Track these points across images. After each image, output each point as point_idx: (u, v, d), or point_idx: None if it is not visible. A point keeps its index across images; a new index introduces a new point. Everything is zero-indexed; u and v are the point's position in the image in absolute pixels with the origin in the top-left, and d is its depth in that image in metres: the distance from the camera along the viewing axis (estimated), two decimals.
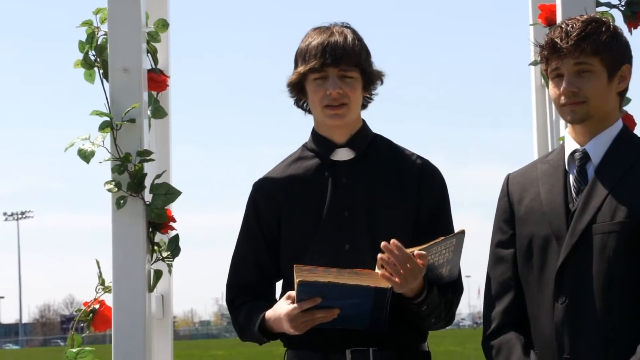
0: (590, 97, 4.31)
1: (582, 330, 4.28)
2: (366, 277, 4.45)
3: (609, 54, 4.35)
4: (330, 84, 4.69)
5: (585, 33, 4.31)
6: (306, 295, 4.43)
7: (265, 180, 4.93)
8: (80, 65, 5.44)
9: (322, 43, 4.70)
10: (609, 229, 4.27)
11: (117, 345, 5.32)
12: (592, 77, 4.32)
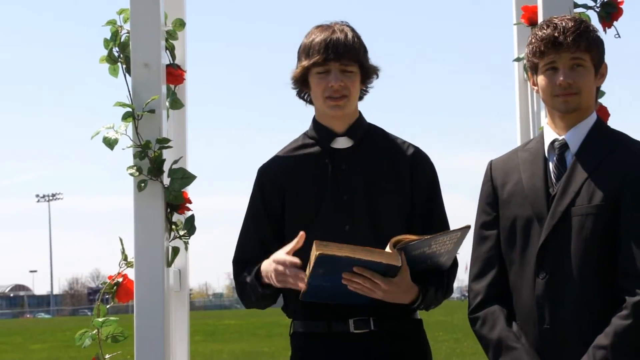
0: (583, 89, 4.34)
1: (561, 303, 4.29)
2: (378, 255, 4.44)
3: (596, 52, 4.40)
4: (333, 77, 4.69)
5: (580, 31, 4.33)
6: (322, 267, 4.41)
7: (270, 164, 4.93)
8: (105, 60, 5.45)
9: (325, 40, 4.70)
10: (586, 212, 4.28)
11: (139, 315, 5.33)
12: (584, 72, 4.35)
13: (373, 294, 4.47)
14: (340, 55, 4.70)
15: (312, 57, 4.71)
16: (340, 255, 4.38)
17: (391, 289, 4.47)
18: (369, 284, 4.43)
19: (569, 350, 4.24)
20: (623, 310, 4.17)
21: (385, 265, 4.42)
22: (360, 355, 4.67)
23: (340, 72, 4.72)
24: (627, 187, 4.26)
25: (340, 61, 4.70)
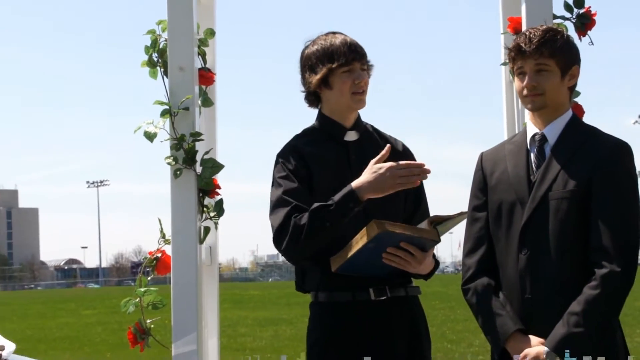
0: (546, 90, 4.36)
1: (540, 275, 4.30)
2: (424, 232, 4.50)
3: (562, 57, 4.39)
4: (358, 75, 4.71)
5: (544, 40, 4.35)
6: (375, 242, 4.41)
7: (293, 145, 4.86)
8: (145, 64, 5.45)
9: (345, 44, 4.71)
10: (562, 196, 4.29)
11: (175, 286, 5.34)
12: (548, 75, 4.36)
13: (409, 266, 4.51)
14: (362, 55, 4.74)
15: (339, 59, 4.69)
16: (397, 232, 4.42)
17: (424, 261, 4.54)
18: (410, 257, 4.48)
19: (548, 316, 4.25)
20: (593, 281, 4.19)
21: (427, 240, 4.50)
22: (381, 318, 4.67)
23: (361, 69, 4.74)
24: (597, 175, 4.28)
25: (361, 61, 4.73)
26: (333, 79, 4.73)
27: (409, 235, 4.44)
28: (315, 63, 4.76)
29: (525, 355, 4.25)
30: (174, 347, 5.29)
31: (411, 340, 4.73)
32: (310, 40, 4.86)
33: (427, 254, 4.55)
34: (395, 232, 4.40)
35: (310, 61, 4.79)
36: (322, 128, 4.87)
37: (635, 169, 4.41)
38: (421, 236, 4.47)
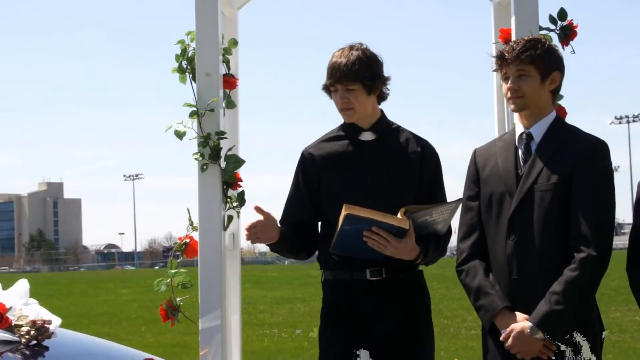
0: (526, 93, 4.38)
1: (526, 259, 4.31)
2: (392, 218, 4.49)
3: (541, 63, 4.40)
4: (339, 95, 4.72)
5: (525, 48, 4.39)
6: (348, 225, 4.49)
7: (310, 149, 4.92)
8: (176, 71, 5.44)
9: (332, 66, 4.71)
10: (546, 188, 4.30)
11: (202, 268, 5.35)
12: (528, 80, 4.38)
13: (385, 250, 4.50)
14: (341, 78, 4.68)
15: (327, 79, 4.75)
16: (363, 216, 4.45)
17: (399, 247, 4.50)
18: (383, 241, 4.47)
19: (532, 295, 4.26)
20: (572, 264, 4.21)
21: (396, 227, 4.47)
22: (375, 297, 4.68)
23: (345, 90, 4.71)
24: (577, 171, 4.29)
25: (342, 83, 4.69)
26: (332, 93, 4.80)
27: (375, 220, 4.46)
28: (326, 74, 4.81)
29: (511, 329, 4.26)
30: (200, 322, 5.30)
31: (405, 317, 4.71)
32: None
33: (404, 241, 4.51)
34: (361, 216, 4.44)
35: None
36: (344, 127, 4.89)
37: (612, 164, 4.43)
38: (387, 222, 4.47)
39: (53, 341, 4.31)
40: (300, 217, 4.92)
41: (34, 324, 4.26)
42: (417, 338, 4.73)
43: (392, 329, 4.67)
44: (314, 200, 4.87)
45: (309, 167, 4.89)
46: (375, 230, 4.46)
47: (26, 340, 4.18)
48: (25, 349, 4.14)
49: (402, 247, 4.51)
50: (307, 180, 4.88)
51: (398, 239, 4.50)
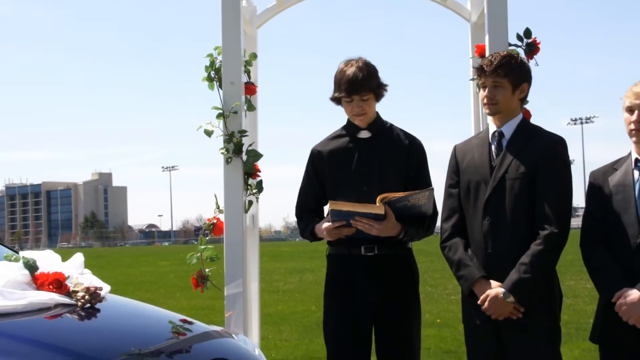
0: (500, 101, 4.38)
1: (499, 236, 4.30)
2: (370, 207, 4.50)
3: (513, 77, 4.39)
4: (355, 104, 4.68)
5: (501, 63, 4.38)
6: (335, 217, 4.52)
7: (318, 147, 4.89)
8: (205, 79, 5.44)
9: (349, 80, 4.64)
10: (515, 177, 4.30)
11: (227, 244, 5.35)
12: (502, 90, 4.38)
13: (371, 231, 4.51)
14: (358, 91, 4.65)
15: (341, 92, 4.68)
16: (343, 210, 4.50)
17: (381, 227, 4.50)
18: (367, 225, 4.49)
19: (503, 267, 4.25)
20: (537, 240, 4.21)
21: (373, 214, 4.48)
22: (368, 269, 4.65)
23: (360, 100, 4.68)
24: (541, 162, 4.29)
25: (359, 94, 4.66)
26: (342, 102, 4.74)
27: (355, 211, 4.50)
28: (334, 84, 4.75)
29: (487, 295, 4.25)
30: (226, 289, 5.30)
31: (394, 286, 4.68)
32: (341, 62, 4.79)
33: (384, 223, 4.50)
34: (342, 210, 4.50)
35: (334, 80, 4.76)
36: (346, 127, 4.86)
37: (569, 157, 4.42)
38: (365, 211, 4.49)
39: (104, 304, 4.31)
40: (313, 204, 4.90)
41: (88, 290, 4.26)
42: (405, 304, 4.70)
43: (383, 296, 4.64)
44: (322, 189, 4.85)
45: (318, 162, 4.86)
46: (358, 218, 4.49)
47: (81, 303, 4.18)
48: (81, 310, 4.15)
49: (383, 227, 4.51)
50: (317, 173, 4.86)
51: (379, 221, 4.50)
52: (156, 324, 4.45)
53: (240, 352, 4.26)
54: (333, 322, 4.71)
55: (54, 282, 4.22)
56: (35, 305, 4.00)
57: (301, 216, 4.91)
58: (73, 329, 4.02)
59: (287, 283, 23.30)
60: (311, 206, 4.89)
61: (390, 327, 4.65)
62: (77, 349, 3.62)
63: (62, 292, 4.20)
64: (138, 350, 3.80)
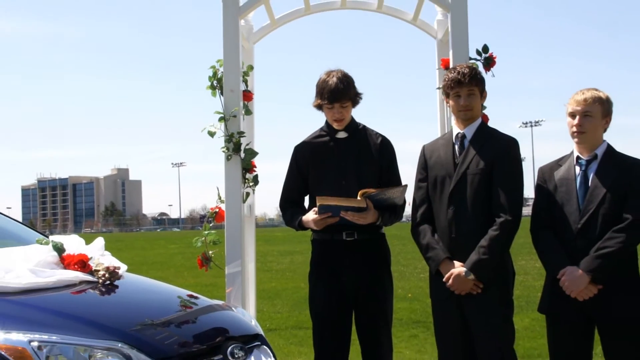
0: (473, 107, 4.39)
1: (461, 223, 4.31)
2: (353, 201, 4.47)
3: (481, 86, 4.43)
4: (336, 111, 4.65)
5: (473, 75, 4.38)
6: (323, 210, 4.48)
7: (301, 146, 4.84)
8: (209, 88, 5.42)
9: (331, 89, 4.61)
10: (475, 172, 4.30)
11: (228, 230, 5.33)
12: (474, 97, 4.39)
13: (358, 221, 4.48)
14: (339, 99, 4.62)
15: (324, 99, 4.64)
16: (330, 204, 4.46)
17: (366, 217, 4.48)
18: (355, 218, 4.47)
19: (465, 249, 4.26)
20: (494, 226, 4.23)
21: (356, 207, 4.46)
22: (349, 252, 4.63)
23: (340, 107, 4.65)
24: (497, 159, 4.29)
25: (340, 102, 4.64)
26: (323, 108, 4.70)
27: (341, 205, 4.47)
28: (316, 92, 4.71)
29: (451, 273, 4.26)
30: (226, 269, 5.29)
31: (371, 266, 4.67)
32: (323, 72, 4.75)
33: (367, 213, 4.49)
34: (330, 204, 4.46)
35: (316, 89, 4.73)
36: (325, 129, 4.83)
37: (521, 155, 4.43)
38: (350, 205, 4.46)
39: (121, 281, 4.30)
40: (296, 196, 4.85)
41: (108, 269, 4.25)
42: (380, 281, 4.69)
43: (361, 276, 4.62)
44: (305, 183, 4.81)
45: (301, 159, 4.81)
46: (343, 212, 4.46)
47: (102, 280, 4.18)
48: (102, 286, 4.14)
49: (367, 217, 4.49)
50: (300, 169, 4.80)
51: (363, 212, 4.48)
52: (166, 298, 4.45)
53: (239, 322, 4.26)
54: (320, 299, 4.68)
55: (78, 262, 4.21)
56: (63, 282, 3.99)
57: (285, 208, 4.85)
58: (95, 303, 4.01)
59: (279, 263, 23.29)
60: (294, 198, 4.84)
61: (368, 301, 4.64)
62: (99, 320, 3.62)
63: (86, 271, 4.20)
64: (151, 320, 3.80)
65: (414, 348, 8.63)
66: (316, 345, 4.70)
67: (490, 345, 4.21)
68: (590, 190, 4.17)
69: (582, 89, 4.29)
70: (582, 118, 4.22)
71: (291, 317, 11.02)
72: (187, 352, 3.64)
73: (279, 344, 8.82)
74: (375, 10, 5.90)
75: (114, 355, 3.42)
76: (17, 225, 5.14)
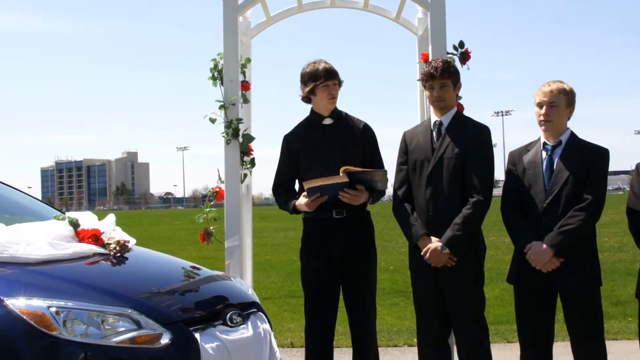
0: (446, 98, 4.36)
1: (438, 202, 4.30)
2: (337, 178, 4.44)
3: (454, 78, 4.40)
4: (331, 88, 4.65)
5: (445, 69, 4.36)
6: (311, 192, 4.46)
7: (290, 134, 4.82)
8: (210, 78, 5.37)
9: (325, 69, 4.63)
10: (451, 156, 4.29)
11: (227, 208, 5.32)
12: (447, 89, 4.37)
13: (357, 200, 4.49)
14: (334, 77, 4.64)
15: (319, 79, 4.63)
16: (316, 185, 4.44)
17: (362, 195, 4.48)
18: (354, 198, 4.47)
19: (441, 226, 4.26)
20: (467, 205, 4.23)
21: (340, 183, 4.43)
22: (338, 229, 4.62)
23: (334, 85, 4.66)
24: (471, 145, 4.29)
25: (333, 80, 4.65)
26: (317, 90, 4.67)
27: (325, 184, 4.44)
28: (307, 80, 4.69)
29: (428, 248, 4.27)
30: (226, 243, 5.28)
31: (358, 242, 4.67)
32: (306, 64, 4.76)
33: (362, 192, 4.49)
34: (315, 185, 4.43)
35: (305, 78, 4.71)
36: (311, 117, 4.82)
37: (492, 141, 4.42)
38: (334, 182, 4.43)
39: (131, 254, 4.30)
40: (288, 180, 4.82)
41: (118, 242, 4.24)
42: (365, 255, 4.70)
43: (349, 249, 4.63)
44: (296, 167, 4.77)
45: (291, 145, 4.78)
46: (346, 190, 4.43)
47: (113, 253, 4.17)
48: (113, 258, 4.14)
49: (361, 198, 4.48)
50: (292, 155, 4.77)
51: (360, 191, 4.47)
52: (171, 269, 4.44)
53: (237, 291, 4.26)
54: (312, 271, 4.67)
55: (92, 236, 4.21)
56: (78, 254, 3.99)
57: (279, 193, 4.82)
58: (107, 273, 4.01)
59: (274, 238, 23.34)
60: (286, 183, 4.81)
61: (355, 273, 4.64)
62: (110, 288, 3.62)
63: (99, 244, 4.19)
64: (157, 289, 3.80)
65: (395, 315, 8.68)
66: (307, 313, 4.71)
67: (463, 312, 4.24)
68: (555, 173, 4.19)
69: (549, 82, 4.30)
70: (549, 108, 4.23)
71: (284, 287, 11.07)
72: (190, 317, 3.65)
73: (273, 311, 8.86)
74: (362, 9, 5.87)
75: (124, 320, 3.43)
76: (37, 202, 5.13)
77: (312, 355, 4.70)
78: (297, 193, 4.77)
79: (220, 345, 3.61)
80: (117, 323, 3.41)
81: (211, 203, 5.42)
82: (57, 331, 3.27)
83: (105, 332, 3.36)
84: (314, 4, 5.96)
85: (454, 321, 4.28)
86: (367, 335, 4.68)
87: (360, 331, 4.68)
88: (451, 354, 4.54)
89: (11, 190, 5.11)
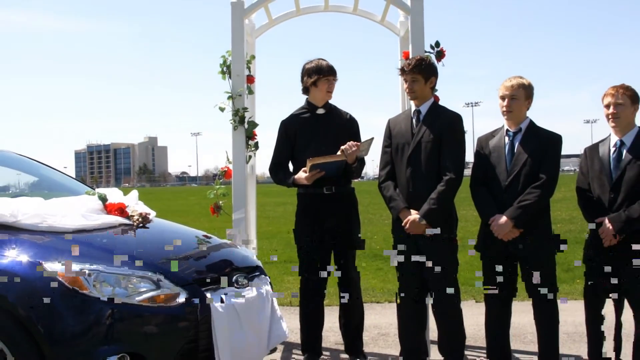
0: (416, 90, 4.35)
1: (417, 180, 4.30)
2: (334, 157, 4.50)
3: (424, 73, 4.36)
4: (331, 83, 4.70)
5: (416, 64, 4.34)
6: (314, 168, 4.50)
7: (288, 119, 4.83)
8: (220, 73, 5.34)
9: (328, 65, 4.68)
10: (428, 140, 4.29)
11: (234, 184, 5.32)
12: (418, 83, 4.35)
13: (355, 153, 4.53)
14: (334, 74, 4.69)
15: (322, 73, 4.66)
16: (320, 162, 4.48)
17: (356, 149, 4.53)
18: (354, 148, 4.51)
19: (420, 201, 4.26)
20: (442, 182, 4.23)
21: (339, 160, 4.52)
22: (328, 203, 4.65)
23: (333, 80, 4.70)
24: (445, 131, 4.28)
25: (334, 76, 4.69)
26: (319, 82, 4.69)
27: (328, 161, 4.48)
28: (310, 73, 4.71)
29: (408, 219, 4.28)
30: (233, 215, 5.28)
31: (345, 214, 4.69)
32: (307, 61, 4.77)
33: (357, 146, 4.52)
34: (319, 162, 4.47)
35: (308, 72, 4.72)
36: (307, 106, 4.81)
37: (464, 128, 4.41)
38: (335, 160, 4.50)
39: (152, 224, 4.30)
40: (285, 160, 4.81)
41: (141, 214, 4.24)
42: (351, 222, 4.72)
43: (337, 219, 4.65)
44: (292, 149, 4.78)
45: (288, 130, 4.78)
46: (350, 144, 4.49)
47: (137, 223, 4.17)
48: (136, 228, 4.14)
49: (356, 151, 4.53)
50: (289, 138, 4.77)
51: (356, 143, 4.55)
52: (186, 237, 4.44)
53: (243, 257, 4.28)
54: (305, 239, 4.69)
55: (118, 209, 4.21)
56: (106, 224, 3.99)
57: (276, 171, 4.81)
58: (131, 240, 4.01)
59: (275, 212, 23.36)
60: (283, 162, 4.80)
61: (343, 240, 4.68)
62: (133, 253, 3.63)
63: (124, 216, 4.19)
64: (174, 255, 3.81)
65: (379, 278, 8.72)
66: (302, 275, 4.74)
67: (439, 274, 4.26)
68: (515, 156, 4.21)
69: (510, 77, 4.30)
70: (510, 100, 4.23)
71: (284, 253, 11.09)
72: (202, 278, 3.67)
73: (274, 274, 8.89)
74: (352, 12, 5.85)
75: (146, 281, 3.45)
76: (71, 180, 5.13)
77: (305, 310, 4.77)
78: (293, 171, 4.78)
79: (228, 304, 3.64)
80: (139, 284, 3.43)
81: (220, 181, 5.43)
82: (88, 290, 3.29)
83: (129, 291, 3.38)
84: (310, 8, 5.95)
85: (431, 282, 4.31)
86: (351, 285, 4.73)
87: (347, 281, 4.74)
88: (426, 309, 4.58)
89: (49, 170, 5.14)
